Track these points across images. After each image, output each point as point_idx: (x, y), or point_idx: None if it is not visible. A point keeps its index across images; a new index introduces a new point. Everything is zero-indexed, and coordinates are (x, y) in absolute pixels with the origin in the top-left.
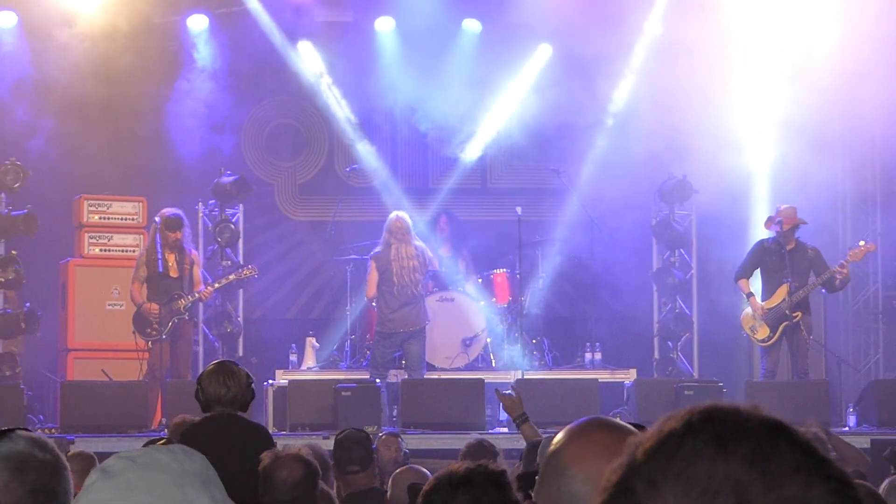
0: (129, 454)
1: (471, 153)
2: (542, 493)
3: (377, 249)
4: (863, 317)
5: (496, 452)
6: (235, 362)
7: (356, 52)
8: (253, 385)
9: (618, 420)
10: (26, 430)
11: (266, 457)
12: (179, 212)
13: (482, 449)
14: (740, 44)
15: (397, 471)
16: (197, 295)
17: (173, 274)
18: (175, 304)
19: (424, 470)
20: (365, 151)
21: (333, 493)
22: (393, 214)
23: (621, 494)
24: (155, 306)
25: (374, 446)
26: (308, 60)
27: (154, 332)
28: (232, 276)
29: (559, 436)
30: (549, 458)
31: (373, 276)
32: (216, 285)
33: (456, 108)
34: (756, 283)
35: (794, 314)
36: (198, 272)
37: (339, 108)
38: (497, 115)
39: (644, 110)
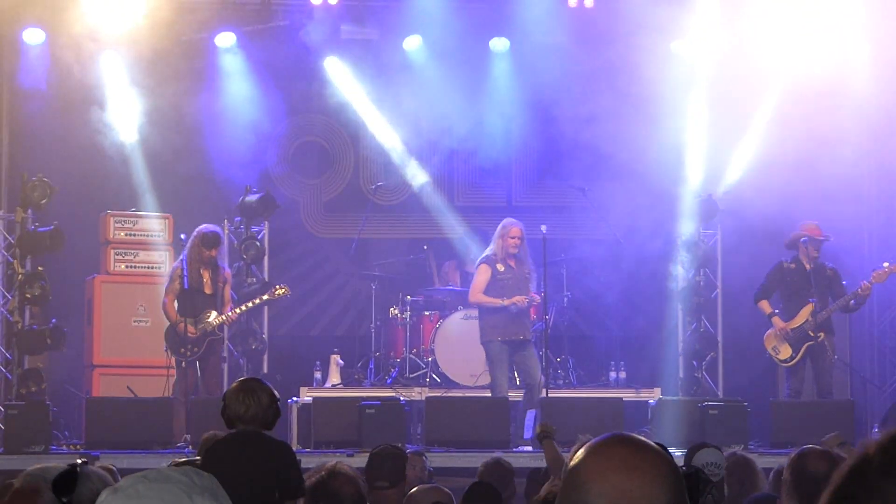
0: (141, 473)
1: (494, 170)
2: None
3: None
4: (888, 336)
5: (513, 471)
6: (261, 380)
7: (383, 70)
8: (278, 403)
9: (639, 436)
10: (84, 462)
11: (319, 473)
12: (218, 229)
13: (499, 468)
14: (770, 60)
15: (415, 489)
16: (224, 318)
17: (207, 291)
18: (209, 324)
19: (445, 490)
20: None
21: None
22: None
23: (855, 483)
24: (192, 328)
25: None
26: (335, 78)
27: (188, 353)
28: (265, 297)
29: (580, 451)
30: (569, 473)
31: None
32: (249, 305)
33: (481, 126)
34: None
35: (818, 335)
36: (228, 291)
37: (367, 126)
38: (525, 132)
39: (672, 129)
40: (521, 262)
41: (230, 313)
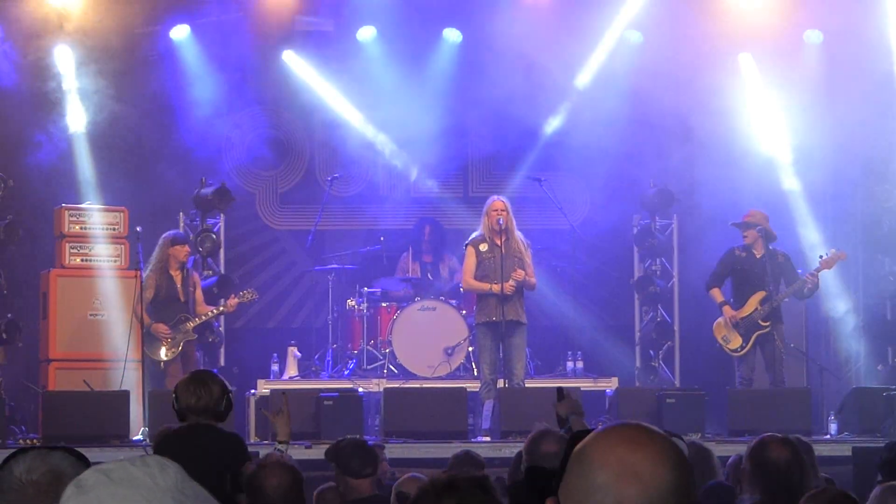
0: (104, 468)
1: (452, 161)
2: (566, 486)
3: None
4: (844, 324)
5: (482, 464)
6: (213, 372)
7: (338, 62)
8: (230, 395)
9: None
10: (65, 448)
11: (250, 466)
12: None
13: (469, 459)
14: (727, 49)
15: (401, 479)
16: (198, 321)
17: (181, 298)
18: (184, 325)
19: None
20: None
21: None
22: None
23: None
24: (163, 326)
25: None
26: (290, 70)
27: (167, 355)
28: (236, 301)
29: (587, 436)
30: (575, 454)
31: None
32: (221, 309)
33: (437, 117)
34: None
35: (765, 324)
36: (200, 293)
37: (322, 117)
38: (477, 123)
39: (625, 117)
40: (510, 239)
41: (202, 317)
